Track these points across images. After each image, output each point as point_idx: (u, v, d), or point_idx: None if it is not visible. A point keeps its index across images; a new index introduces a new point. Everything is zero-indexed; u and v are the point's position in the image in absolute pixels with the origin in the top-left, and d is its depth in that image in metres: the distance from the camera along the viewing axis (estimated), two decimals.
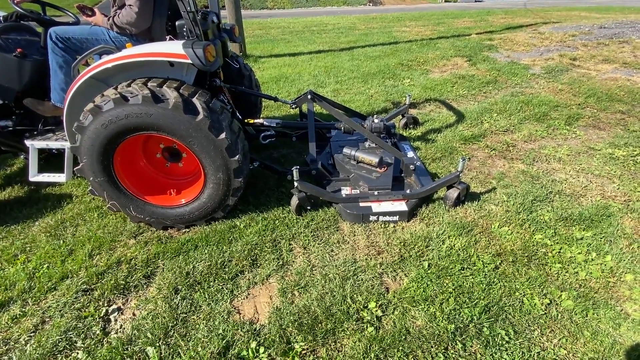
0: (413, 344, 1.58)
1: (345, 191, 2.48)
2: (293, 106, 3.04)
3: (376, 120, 2.79)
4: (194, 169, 2.37)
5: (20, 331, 1.69)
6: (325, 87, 4.99)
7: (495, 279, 1.90)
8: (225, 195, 2.18)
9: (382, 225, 2.31)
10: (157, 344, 1.60)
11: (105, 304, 1.83)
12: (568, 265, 2.00)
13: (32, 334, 1.68)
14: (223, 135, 1.99)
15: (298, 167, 2.26)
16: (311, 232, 2.26)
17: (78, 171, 2.13)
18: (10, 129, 2.52)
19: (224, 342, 1.59)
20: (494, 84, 5.03)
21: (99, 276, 1.97)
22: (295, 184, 2.29)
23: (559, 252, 2.09)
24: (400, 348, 1.56)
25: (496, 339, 1.59)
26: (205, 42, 1.96)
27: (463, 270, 1.96)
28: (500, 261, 2.01)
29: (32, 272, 2.00)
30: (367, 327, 1.66)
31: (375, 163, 2.52)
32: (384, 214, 2.30)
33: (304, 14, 12.57)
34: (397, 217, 2.31)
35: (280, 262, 2.05)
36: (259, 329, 1.67)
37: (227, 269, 2.00)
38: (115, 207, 2.23)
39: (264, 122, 2.83)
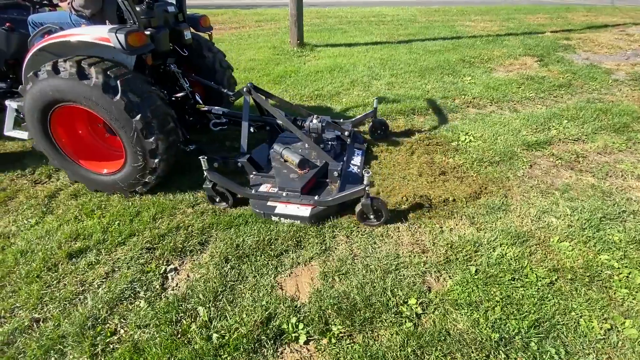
0: (453, 346, 1.55)
1: (266, 187, 2.45)
2: (232, 98, 3.08)
3: (315, 121, 2.68)
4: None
5: (94, 276, 1.93)
6: (380, 79, 4.90)
7: (550, 295, 1.78)
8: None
9: (429, 224, 2.26)
10: (207, 305, 1.74)
11: (164, 263, 2.02)
12: (637, 292, 1.81)
13: (103, 280, 1.91)
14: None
15: (206, 156, 2.27)
16: (354, 222, 2.28)
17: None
18: (3, 90, 2.90)
19: (266, 313, 1.69)
20: (568, 87, 4.59)
21: (161, 238, 2.18)
22: (205, 173, 2.30)
23: (627, 276, 1.90)
24: (439, 348, 1.54)
25: (544, 356, 1.51)
26: (134, 28, 2.10)
27: (513, 280, 1.86)
28: (556, 277, 1.88)
29: (106, 227, 2.26)
30: (405, 322, 1.66)
31: (296, 164, 2.47)
32: (286, 216, 2.27)
33: (363, 4, 12.32)
34: (299, 221, 2.27)
35: (323, 247, 2.11)
36: (300, 307, 1.75)
37: (273, 247, 2.10)
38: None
39: (212, 110, 2.88)
